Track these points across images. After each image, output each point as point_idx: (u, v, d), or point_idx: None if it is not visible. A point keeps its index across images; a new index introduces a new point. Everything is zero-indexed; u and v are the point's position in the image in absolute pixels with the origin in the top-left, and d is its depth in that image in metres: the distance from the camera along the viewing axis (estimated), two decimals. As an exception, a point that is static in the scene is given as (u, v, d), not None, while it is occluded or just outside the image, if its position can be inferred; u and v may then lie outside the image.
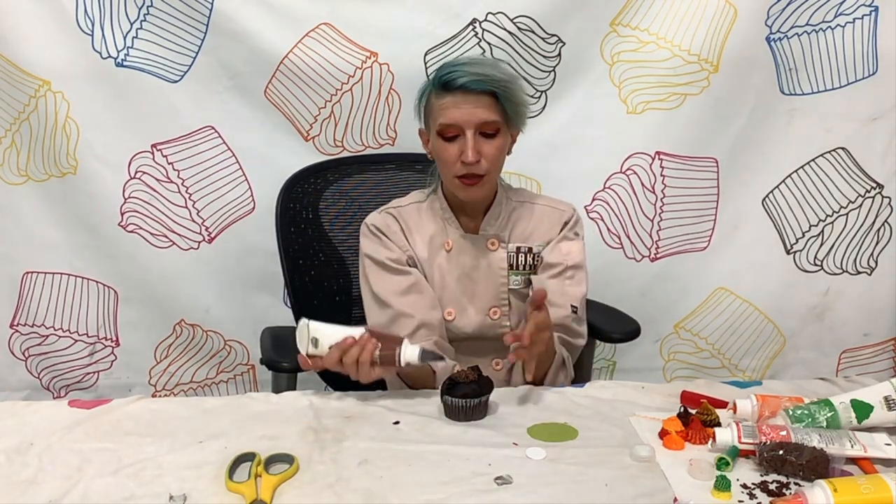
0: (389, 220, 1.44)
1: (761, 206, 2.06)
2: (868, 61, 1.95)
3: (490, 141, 1.33)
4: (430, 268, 1.42)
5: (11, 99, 1.86)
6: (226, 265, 2.00)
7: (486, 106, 1.30)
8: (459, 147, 1.31)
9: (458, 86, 1.30)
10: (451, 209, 1.43)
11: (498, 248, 1.41)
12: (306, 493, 0.94)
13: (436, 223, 1.44)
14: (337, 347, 1.17)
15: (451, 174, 1.34)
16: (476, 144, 1.30)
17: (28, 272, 2.00)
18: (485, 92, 1.30)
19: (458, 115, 1.30)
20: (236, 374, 2.12)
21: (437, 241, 1.43)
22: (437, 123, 1.33)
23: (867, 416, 1.07)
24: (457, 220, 1.42)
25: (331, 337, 1.18)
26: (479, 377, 1.13)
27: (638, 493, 0.94)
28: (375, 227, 1.42)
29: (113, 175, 1.92)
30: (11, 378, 2.07)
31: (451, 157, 1.32)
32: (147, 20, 1.82)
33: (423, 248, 1.43)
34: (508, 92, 1.32)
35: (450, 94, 1.31)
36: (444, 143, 1.33)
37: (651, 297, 2.08)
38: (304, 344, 1.19)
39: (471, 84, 1.29)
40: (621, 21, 1.90)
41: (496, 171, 1.37)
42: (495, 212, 1.42)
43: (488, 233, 1.42)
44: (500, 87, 1.31)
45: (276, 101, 1.89)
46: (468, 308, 1.42)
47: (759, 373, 2.18)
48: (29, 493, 0.93)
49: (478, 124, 1.30)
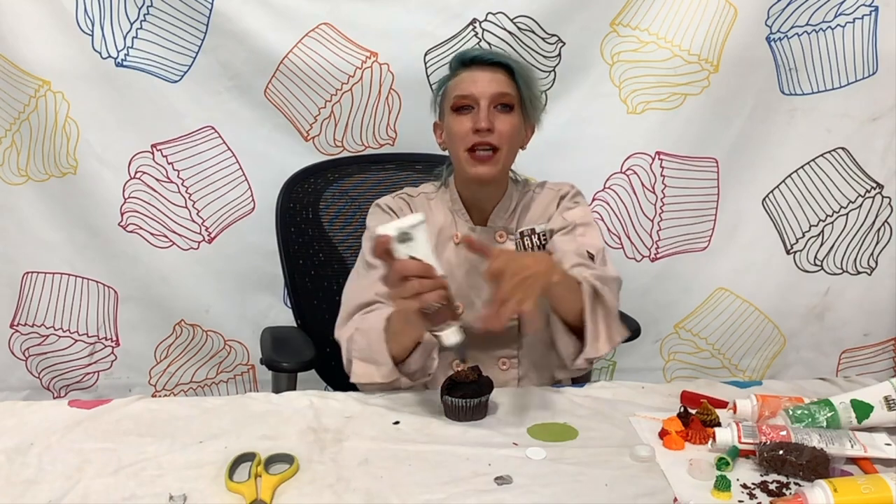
0: (402, 204, 1.43)
1: (761, 206, 2.06)
2: (868, 61, 1.95)
3: (505, 116, 1.31)
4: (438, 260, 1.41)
5: (11, 99, 1.86)
6: (226, 265, 2.00)
7: (501, 79, 1.31)
8: (473, 119, 1.30)
9: (473, 57, 1.33)
10: (461, 202, 1.42)
11: (506, 241, 1.41)
12: (306, 493, 0.94)
13: (445, 215, 1.43)
14: (414, 265, 1.07)
15: (462, 148, 1.32)
16: (490, 115, 1.29)
17: (28, 272, 2.00)
18: (500, 66, 1.32)
19: (472, 87, 1.31)
20: (236, 374, 2.12)
21: (445, 233, 1.42)
22: (452, 98, 1.33)
23: (867, 416, 1.07)
24: (467, 213, 1.41)
25: (420, 251, 1.06)
26: (479, 377, 1.14)
27: (638, 493, 0.94)
28: (387, 206, 1.42)
29: (113, 175, 1.91)
30: (11, 378, 2.06)
31: (464, 128, 1.31)
32: (147, 20, 1.82)
33: (433, 238, 1.41)
34: (524, 71, 1.34)
35: (465, 70, 1.33)
36: (458, 116, 1.33)
37: (651, 297, 2.08)
38: (392, 229, 1.05)
39: (486, 55, 1.32)
40: (621, 21, 1.89)
41: (509, 151, 1.34)
42: (505, 205, 1.41)
43: (497, 225, 1.41)
44: (515, 63, 1.33)
45: (276, 101, 1.89)
46: (476, 302, 1.40)
47: (759, 373, 2.18)
48: (29, 493, 0.93)
49: (493, 95, 1.30)
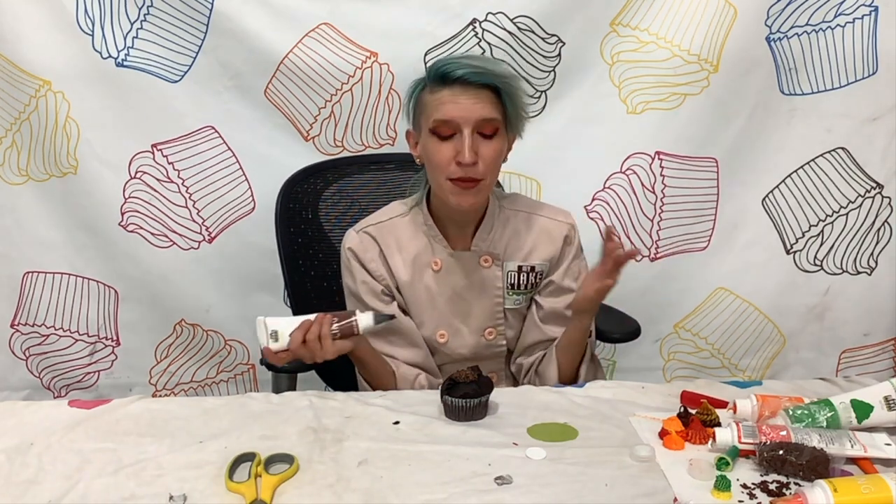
0: (367, 242, 1.34)
1: (761, 206, 2.06)
2: (868, 61, 1.95)
3: (488, 142, 1.22)
4: (412, 290, 1.34)
5: (12, 99, 1.86)
6: (226, 265, 2.00)
7: (486, 102, 1.21)
8: (455, 146, 1.21)
9: (457, 78, 1.19)
10: (436, 225, 1.33)
11: (492, 266, 1.34)
12: (306, 493, 0.94)
13: (419, 240, 1.34)
14: (298, 330, 1.18)
15: (444, 177, 1.23)
16: (473, 144, 1.20)
17: (28, 272, 2.00)
18: (485, 86, 1.21)
19: (455, 111, 1.20)
20: (236, 374, 2.12)
21: (422, 259, 1.34)
22: (431, 120, 1.22)
23: (867, 416, 1.07)
24: (443, 237, 1.33)
25: (288, 327, 1.21)
26: (479, 377, 1.13)
27: (638, 493, 0.94)
28: (351, 252, 1.34)
29: (113, 175, 1.92)
30: (12, 378, 2.07)
31: (445, 157, 1.22)
32: (147, 20, 1.82)
33: (406, 269, 1.34)
34: (511, 88, 1.23)
35: (446, 88, 1.21)
36: (438, 142, 1.22)
37: (651, 297, 2.08)
38: (265, 340, 1.22)
39: (470, 76, 1.19)
40: (621, 21, 1.89)
41: (492, 177, 1.26)
42: (487, 225, 1.33)
43: (481, 249, 1.34)
44: (502, 81, 1.22)
45: (276, 101, 1.89)
46: (461, 329, 1.36)
47: (759, 373, 2.18)
48: (29, 493, 0.93)
49: (476, 122, 1.20)
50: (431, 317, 1.35)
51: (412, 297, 1.35)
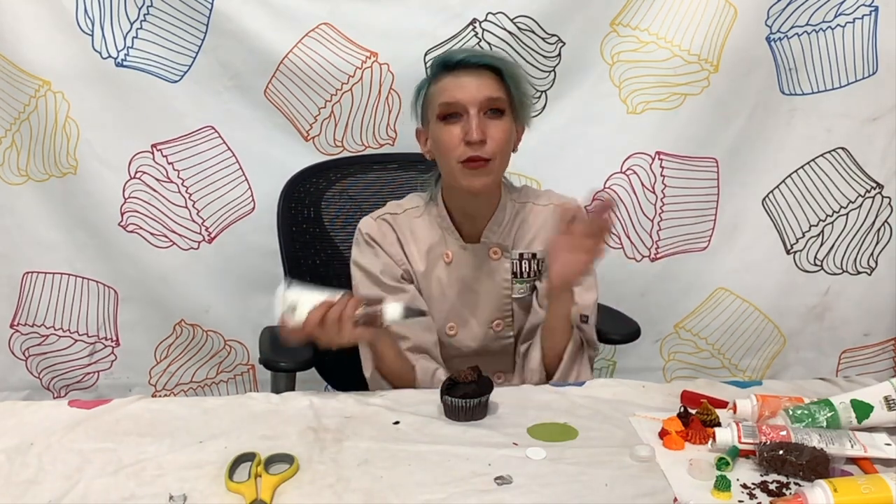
0: (385, 229, 1.35)
1: (761, 206, 2.06)
2: (868, 61, 1.95)
3: (496, 122, 1.23)
4: (427, 281, 1.35)
5: (11, 99, 1.86)
6: (226, 265, 2.00)
7: (489, 83, 1.22)
8: (462, 128, 1.21)
9: (458, 61, 1.22)
10: (450, 218, 1.35)
11: (501, 258, 1.35)
12: (306, 493, 0.94)
13: (434, 232, 1.35)
14: (317, 309, 1.12)
15: (454, 160, 1.23)
16: (481, 123, 1.21)
17: (28, 272, 2.00)
18: (487, 69, 1.23)
19: (459, 93, 1.21)
20: (236, 374, 2.12)
21: (435, 251, 1.35)
22: (437, 105, 1.23)
23: (867, 416, 1.07)
24: (456, 230, 1.35)
25: (310, 302, 1.14)
26: (479, 377, 1.13)
27: (638, 493, 0.94)
28: (370, 237, 1.34)
29: (113, 175, 1.91)
30: (11, 378, 2.07)
31: (453, 139, 1.22)
32: (147, 20, 1.82)
33: (421, 259, 1.35)
34: (512, 71, 1.25)
35: (449, 74, 1.23)
36: (445, 125, 1.23)
37: (651, 298, 2.08)
38: (282, 311, 1.15)
39: (470, 58, 1.22)
40: (621, 21, 1.90)
41: (502, 159, 1.26)
42: (499, 218, 1.34)
43: (490, 241, 1.34)
44: (502, 64, 1.24)
45: (276, 101, 1.89)
46: (470, 321, 1.36)
47: (759, 373, 2.18)
48: (29, 493, 0.93)
49: (482, 101, 1.21)
50: (442, 309, 1.36)
51: (426, 289, 1.36)
